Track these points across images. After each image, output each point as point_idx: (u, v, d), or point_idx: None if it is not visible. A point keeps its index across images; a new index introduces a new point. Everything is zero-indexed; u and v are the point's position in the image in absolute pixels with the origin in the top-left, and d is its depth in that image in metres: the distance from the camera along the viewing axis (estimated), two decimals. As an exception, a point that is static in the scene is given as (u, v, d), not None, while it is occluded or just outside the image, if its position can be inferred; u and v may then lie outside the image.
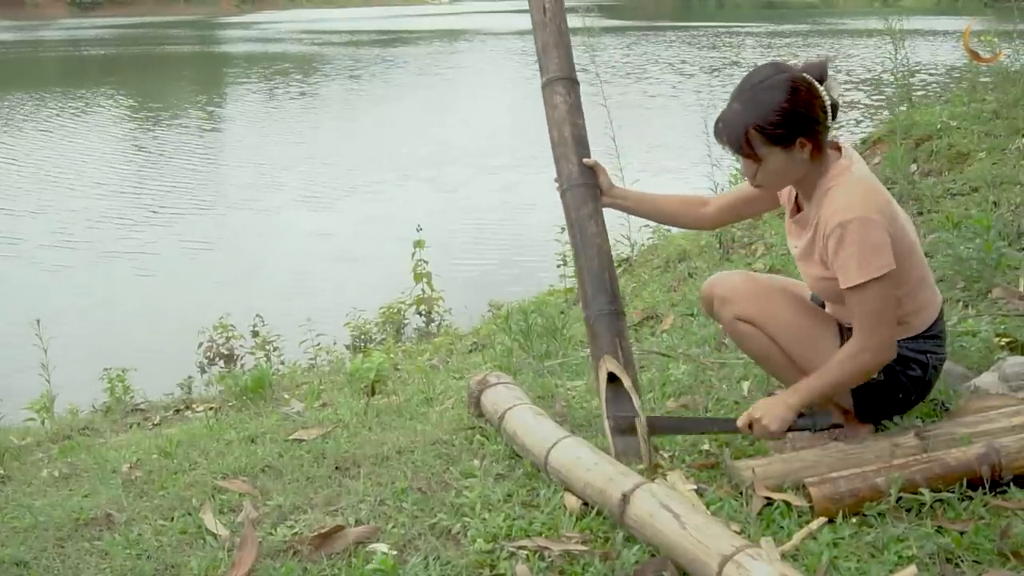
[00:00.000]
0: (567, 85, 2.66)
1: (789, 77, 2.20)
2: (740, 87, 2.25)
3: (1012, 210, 4.21)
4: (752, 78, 2.24)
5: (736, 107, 2.22)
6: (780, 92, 2.18)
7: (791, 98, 2.18)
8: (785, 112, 2.17)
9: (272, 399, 4.00)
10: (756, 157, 2.23)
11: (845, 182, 2.22)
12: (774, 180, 2.30)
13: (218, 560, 2.17)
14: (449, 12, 52.33)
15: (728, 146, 2.25)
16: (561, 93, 2.64)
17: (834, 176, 2.24)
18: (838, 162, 2.26)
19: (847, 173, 2.24)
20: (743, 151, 2.23)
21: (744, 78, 2.27)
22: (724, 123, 2.24)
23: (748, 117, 2.19)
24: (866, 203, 2.18)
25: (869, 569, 1.87)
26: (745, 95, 2.22)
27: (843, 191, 2.21)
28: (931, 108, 6.48)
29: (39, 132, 15.61)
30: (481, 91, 20.31)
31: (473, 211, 10.11)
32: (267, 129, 15.82)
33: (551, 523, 2.17)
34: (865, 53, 21.18)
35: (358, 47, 30.84)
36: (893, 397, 2.36)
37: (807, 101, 2.20)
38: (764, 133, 2.19)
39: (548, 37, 2.67)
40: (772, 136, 2.19)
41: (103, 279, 8.35)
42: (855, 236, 2.15)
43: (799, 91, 2.19)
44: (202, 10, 54.25)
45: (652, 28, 32.97)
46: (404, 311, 6.57)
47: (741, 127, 2.20)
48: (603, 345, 2.51)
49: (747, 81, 2.25)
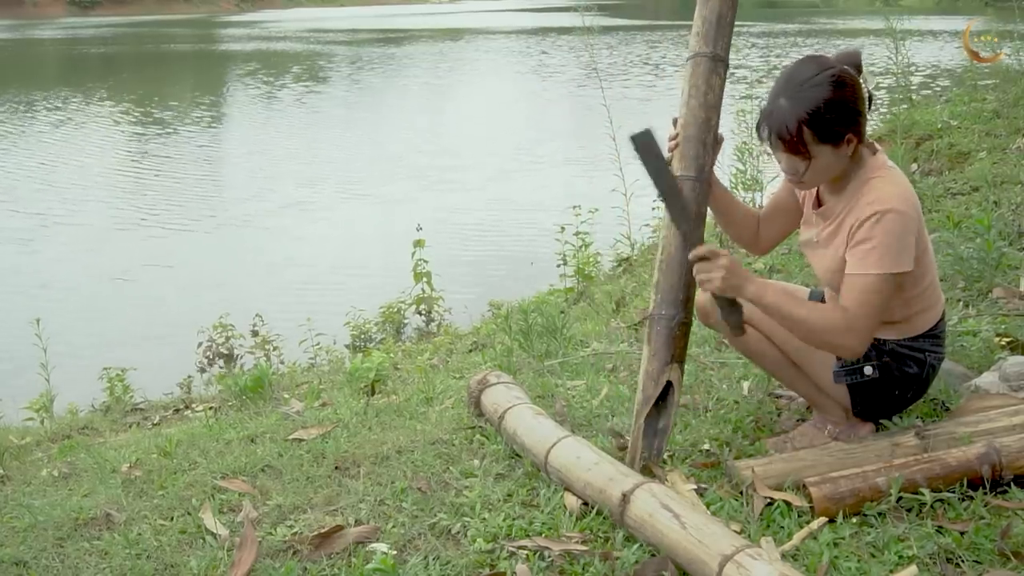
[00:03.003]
0: (724, 71, 2.38)
1: (836, 73, 2.17)
2: (786, 83, 2.18)
3: (1012, 210, 4.21)
4: (798, 75, 2.18)
5: (784, 104, 2.16)
6: (830, 89, 2.14)
7: (841, 94, 2.15)
8: (837, 109, 2.14)
9: (272, 399, 4.00)
10: (807, 154, 2.18)
11: (888, 175, 2.22)
12: (820, 177, 2.26)
13: (218, 560, 2.16)
14: (449, 11, 52.35)
15: (777, 143, 2.19)
16: (720, 75, 2.36)
17: (874, 168, 2.23)
18: (875, 156, 2.25)
19: (887, 167, 2.24)
20: (794, 149, 2.17)
21: (787, 74, 2.21)
22: (774, 120, 2.18)
23: (800, 114, 2.14)
24: (907, 199, 2.18)
25: (869, 569, 1.86)
26: (792, 91, 2.16)
27: (887, 182, 2.19)
28: (932, 107, 6.49)
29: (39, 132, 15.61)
30: (481, 91, 20.31)
31: (473, 211, 10.11)
32: (267, 129, 15.81)
33: (551, 523, 2.17)
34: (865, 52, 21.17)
35: (358, 46, 30.84)
36: (890, 393, 2.36)
37: (853, 96, 2.18)
38: (816, 131, 2.15)
39: (724, 8, 2.36)
40: (824, 134, 2.16)
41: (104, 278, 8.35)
42: (890, 226, 2.13)
43: (846, 86, 2.17)
44: (202, 9, 54.28)
45: (652, 28, 32.99)
46: (404, 311, 6.57)
47: (794, 124, 2.14)
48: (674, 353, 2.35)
49: (792, 78, 2.18)
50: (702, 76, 2.35)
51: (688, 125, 2.35)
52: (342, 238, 9.39)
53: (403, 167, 12.38)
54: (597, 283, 5.95)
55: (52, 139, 14.92)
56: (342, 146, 14.12)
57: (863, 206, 2.18)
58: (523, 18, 41.84)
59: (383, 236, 9.06)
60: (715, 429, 2.61)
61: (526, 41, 30.51)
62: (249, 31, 39.04)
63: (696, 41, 2.37)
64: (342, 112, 17.44)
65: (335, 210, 10.37)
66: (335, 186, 11.48)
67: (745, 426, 2.59)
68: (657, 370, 2.33)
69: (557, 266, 6.29)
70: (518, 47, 28.46)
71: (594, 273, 6.21)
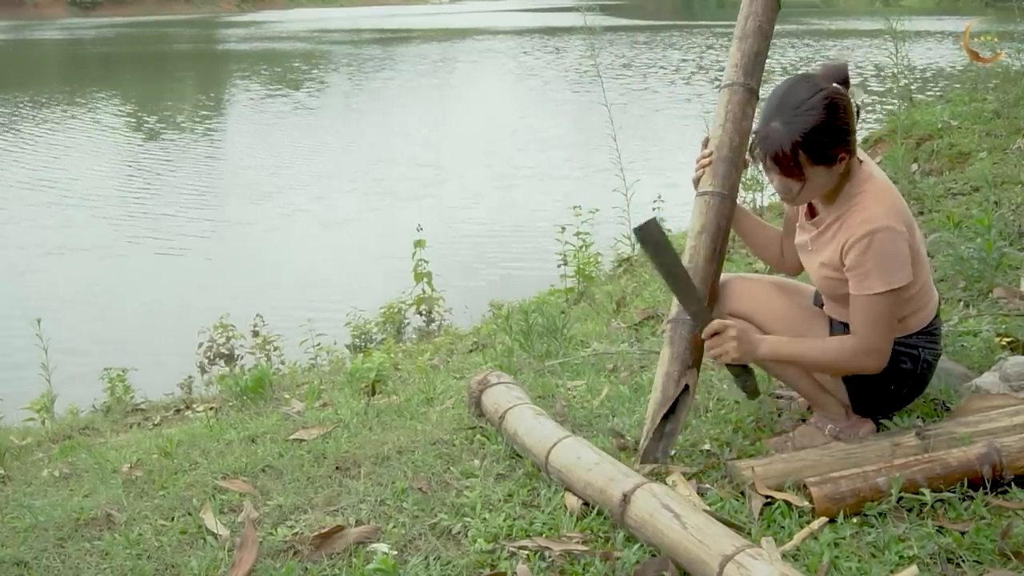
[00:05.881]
0: (756, 101, 2.56)
1: (828, 95, 2.20)
2: (778, 106, 2.21)
3: (1013, 210, 4.21)
4: (790, 98, 2.21)
5: (778, 127, 2.19)
6: (823, 112, 2.17)
7: (833, 116, 2.18)
8: (830, 132, 2.18)
9: (272, 399, 4.00)
10: (801, 177, 2.22)
11: (873, 189, 2.25)
12: (813, 195, 2.31)
13: (218, 560, 2.17)
14: (450, 12, 52.35)
15: (772, 166, 2.23)
16: (754, 107, 2.54)
17: (861, 182, 2.27)
18: (862, 168, 2.29)
19: (872, 180, 2.27)
20: (789, 172, 2.21)
21: (779, 96, 2.23)
22: (768, 144, 2.21)
23: (795, 138, 2.17)
24: (893, 213, 2.21)
25: (870, 569, 1.86)
26: (786, 115, 2.19)
27: (872, 199, 2.23)
28: (932, 108, 6.49)
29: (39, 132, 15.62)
30: (482, 91, 20.31)
31: (473, 210, 10.11)
32: (268, 128, 15.81)
33: (552, 523, 2.17)
34: (863, 53, 21.17)
35: (359, 46, 30.85)
36: (886, 389, 2.38)
37: (845, 116, 2.21)
38: (811, 154, 2.18)
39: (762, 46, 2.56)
40: (818, 156, 2.19)
41: (103, 278, 8.35)
42: (881, 247, 2.18)
43: (838, 108, 2.20)
44: (202, 9, 54.29)
45: (653, 27, 32.98)
46: (404, 311, 6.57)
47: (788, 148, 2.18)
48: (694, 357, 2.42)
49: (785, 101, 2.21)
50: (738, 104, 2.52)
51: (723, 147, 2.50)
52: (342, 238, 9.39)
53: (403, 167, 12.38)
54: (597, 283, 5.95)
55: (50, 140, 14.93)
56: (343, 146, 14.12)
57: (854, 224, 2.23)
58: (523, 18, 41.85)
59: (383, 236, 9.06)
60: (716, 429, 2.61)
61: (525, 40, 30.51)
62: (250, 31, 39.05)
63: (734, 72, 2.55)
64: (344, 112, 17.45)
65: (336, 210, 10.36)
66: (335, 186, 11.48)
67: (746, 426, 2.59)
68: (678, 372, 2.40)
69: (558, 266, 6.29)
70: (518, 47, 28.44)
71: (594, 273, 6.21)
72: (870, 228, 2.18)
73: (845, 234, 2.24)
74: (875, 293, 2.19)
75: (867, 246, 2.18)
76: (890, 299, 2.20)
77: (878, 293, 2.19)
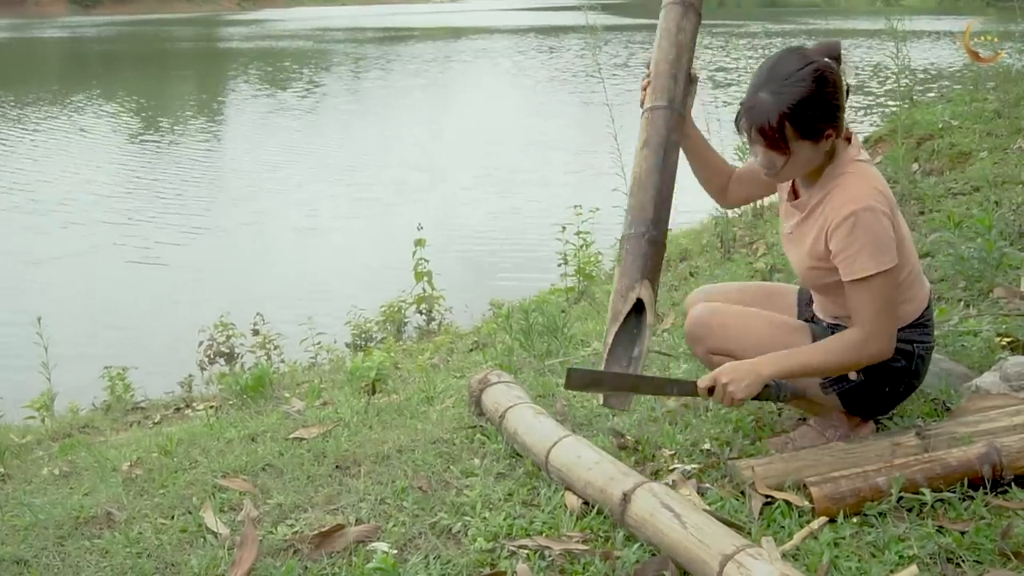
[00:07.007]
0: (695, 18, 2.47)
1: (818, 67, 2.14)
2: (767, 77, 2.15)
3: (1013, 210, 4.21)
4: (779, 68, 2.15)
5: (765, 98, 2.13)
6: (812, 84, 2.12)
7: (822, 89, 2.13)
8: (818, 105, 2.12)
9: (272, 398, 4.00)
10: (786, 150, 2.16)
11: (857, 171, 2.20)
12: (797, 172, 2.25)
13: (218, 559, 2.17)
14: (451, 10, 52.33)
15: (757, 137, 2.16)
16: (691, 21, 2.45)
17: (845, 163, 2.22)
18: (848, 150, 2.24)
19: (856, 163, 2.22)
20: (774, 144, 2.15)
21: (768, 67, 2.18)
22: (754, 114, 2.14)
23: (782, 109, 2.11)
24: (876, 194, 2.16)
25: (870, 569, 1.86)
26: (774, 86, 2.12)
27: (855, 180, 2.18)
28: (932, 107, 6.48)
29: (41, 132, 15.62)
30: (481, 91, 20.30)
31: (473, 210, 10.11)
32: (268, 129, 15.81)
33: (552, 522, 2.17)
34: (863, 53, 21.16)
35: (359, 45, 30.83)
36: (880, 392, 2.34)
37: (834, 91, 2.16)
38: (797, 127, 2.13)
39: None
40: (805, 130, 2.13)
41: (102, 277, 8.35)
42: (866, 226, 2.12)
43: (827, 81, 2.14)
44: (203, 8, 54.28)
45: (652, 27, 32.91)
46: (405, 310, 6.56)
47: (775, 120, 2.11)
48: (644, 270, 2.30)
49: (774, 71, 2.15)
50: (673, 19, 2.46)
51: (659, 62, 2.43)
52: (343, 237, 9.38)
53: (404, 167, 12.37)
54: (598, 282, 5.95)
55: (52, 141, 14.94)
56: (343, 145, 14.11)
57: (836, 206, 2.17)
58: (523, 17, 41.82)
59: (383, 236, 9.05)
60: (716, 429, 2.61)
61: (525, 40, 30.49)
62: (250, 30, 39.03)
63: None
64: (345, 111, 17.45)
65: (336, 209, 10.36)
66: (335, 185, 11.48)
67: (746, 426, 2.59)
68: (626, 287, 2.26)
69: (558, 265, 6.29)
70: (518, 46, 28.43)
71: (595, 272, 6.20)
72: (853, 208, 2.13)
73: (826, 216, 2.19)
74: (868, 275, 2.13)
75: (852, 226, 2.13)
76: (884, 280, 2.14)
77: (871, 275, 2.13)
